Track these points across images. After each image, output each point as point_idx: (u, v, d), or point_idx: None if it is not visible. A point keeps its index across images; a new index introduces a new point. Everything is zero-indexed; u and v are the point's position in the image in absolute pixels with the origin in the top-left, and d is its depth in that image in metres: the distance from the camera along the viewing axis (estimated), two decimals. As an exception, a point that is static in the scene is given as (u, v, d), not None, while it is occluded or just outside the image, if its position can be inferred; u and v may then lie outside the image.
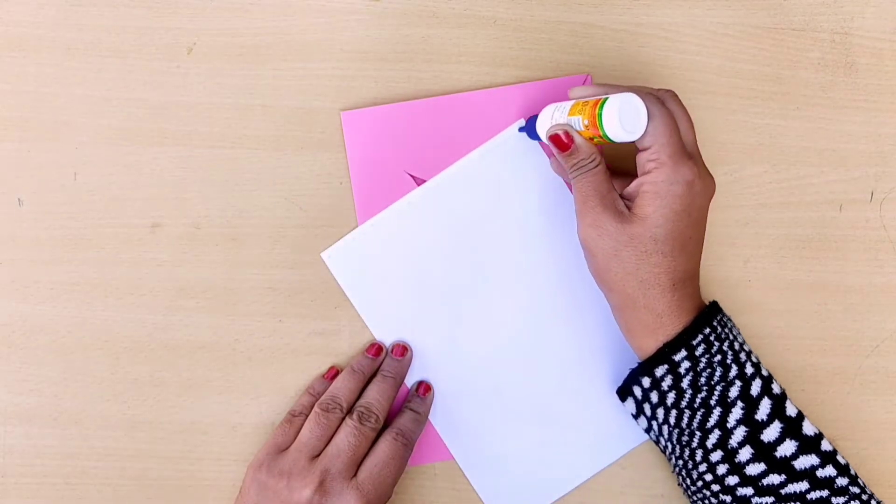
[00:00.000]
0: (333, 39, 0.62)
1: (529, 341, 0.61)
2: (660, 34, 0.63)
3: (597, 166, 0.54)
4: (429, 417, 0.61)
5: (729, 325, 0.56)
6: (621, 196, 0.55)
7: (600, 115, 0.52)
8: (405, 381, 0.61)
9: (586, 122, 0.53)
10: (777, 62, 0.63)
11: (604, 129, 0.52)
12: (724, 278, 0.62)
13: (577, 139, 0.54)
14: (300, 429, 0.58)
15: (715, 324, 0.55)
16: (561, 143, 0.55)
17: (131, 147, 0.62)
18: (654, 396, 0.56)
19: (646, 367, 0.55)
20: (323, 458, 0.56)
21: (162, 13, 0.62)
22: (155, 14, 0.62)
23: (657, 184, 0.53)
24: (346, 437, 0.57)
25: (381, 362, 0.61)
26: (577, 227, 0.55)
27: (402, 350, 0.61)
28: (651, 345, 0.55)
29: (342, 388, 0.59)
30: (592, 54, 0.62)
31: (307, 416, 0.59)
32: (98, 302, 0.62)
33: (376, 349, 0.61)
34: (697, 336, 0.54)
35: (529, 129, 0.59)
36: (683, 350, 0.54)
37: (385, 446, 0.57)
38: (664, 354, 0.54)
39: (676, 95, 0.56)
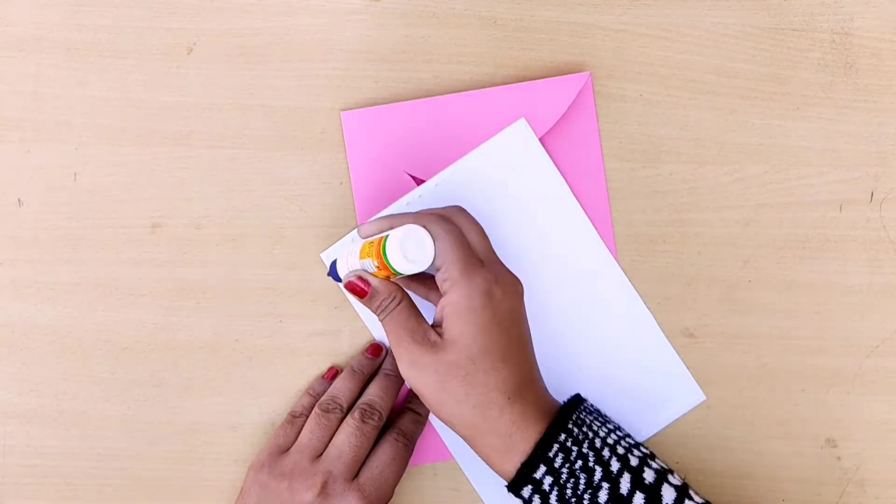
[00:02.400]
0: (333, 39, 0.62)
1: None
2: (660, 34, 0.63)
3: (399, 304, 0.53)
4: (429, 418, 0.61)
5: (588, 421, 0.54)
6: (434, 325, 0.53)
7: (384, 253, 0.51)
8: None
9: (376, 263, 0.52)
10: (777, 62, 0.63)
11: (392, 266, 0.51)
12: (724, 278, 0.62)
13: (374, 282, 0.53)
14: (301, 430, 0.58)
15: (570, 426, 0.53)
16: (358, 289, 0.54)
17: (131, 147, 0.62)
18: None
19: (512, 489, 0.53)
20: (325, 460, 0.56)
21: (162, 13, 0.62)
22: (155, 14, 0.62)
23: (455, 303, 0.52)
24: (348, 438, 0.56)
25: (381, 362, 0.61)
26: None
27: None
28: (509, 468, 0.52)
29: (342, 388, 0.59)
30: (592, 54, 0.62)
31: (308, 416, 0.59)
32: (98, 302, 0.62)
33: (376, 349, 0.61)
34: (553, 447, 0.52)
35: (332, 273, 0.58)
36: (542, 465, 0.51)
37: (387, 447, 0.57)
38: (524, 475, 0.52)
39: (463, 209, 0.56)
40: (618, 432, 0.54)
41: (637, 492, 0.51)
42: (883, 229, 0.63)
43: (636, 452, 0.53)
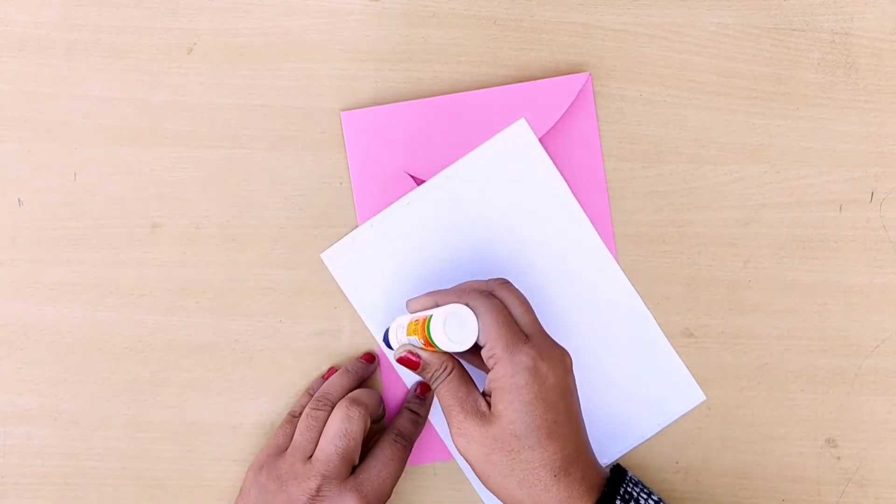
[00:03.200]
0: (333, 39, 0.62)
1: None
2: (660, 34, 0.63)
3: (449, 374, 0.53)
4: (428, 418, 0.61)
5: (635, 494, 0.53)
6: (484, 394, 0.54)
7: (429, 334, 0.52)
8: (406, 383, 0.61)
9: (422, 342, 0.53)
10: (777, 62, 0.63)
11: (437, 346, 0.52)
12: (724, 278, 0.62)
13: (424, 355, 0.54)
14: (292, 429, 0.58)
15: (617, 502, 0.52)
16: (411, 363, 0.54)
17: (131, 147, 0.62)
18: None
19: None
20: (316, 462, 0.56)
21: (162, 13, 0.62)
22: (155, 14, 0.62)
23: (500, 379, 0.52)
24: (333, 439, 0.56)
25: (374, 369, 0.62)
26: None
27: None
28: None
29: (335, 384, 0.59)
30: (592, 54, 0.63)
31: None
32: (98, 302, 0.62)
33: (370, 356, 0.61)
34: None
35: (385, 341, 0.59)
36: None
37: (385, 447, 0.57)
38: None
39: (507, 282, 0.55)
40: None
41: None
42: (883, 229, 0.63)
43: None
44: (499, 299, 0.54)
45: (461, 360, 0.55)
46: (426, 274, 0.61)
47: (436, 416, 0.61)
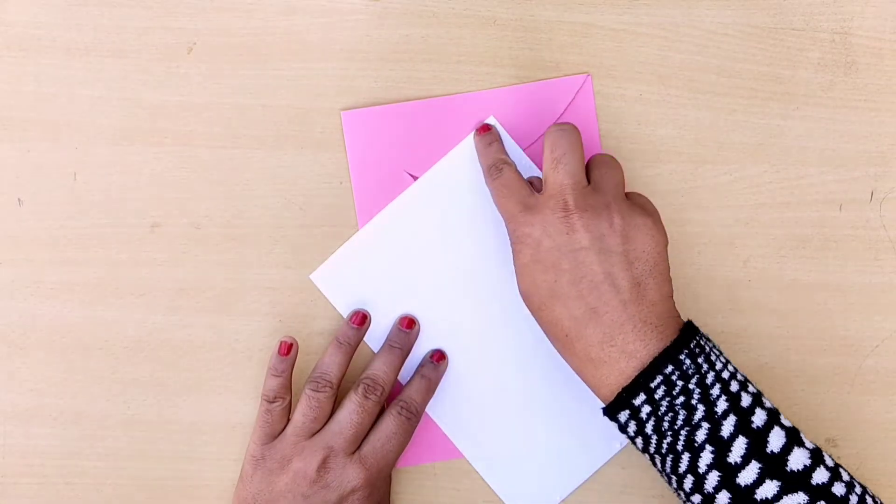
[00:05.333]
0: (333, 39, 0.62)
1: (531, 337, 0.61)
2: (660, 34, 0.63)
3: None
4: (434, 416, 0.61)
5: (707, 350, 0.52)
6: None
7: None
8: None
9: None
10: (777, 62, 0.63)
11: None
12: (724, 278, 0.62)
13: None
14: (283, 413, 0.58)
15: (683, 357, 0.51)
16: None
17: (131, 147, 0.62)
18: (625, 439, 0.55)
19: (608, 413, 0.53)
20: (324, 435, 0.56)
21: (162, 13, 0.62)
22: (155, 14, 0.62)
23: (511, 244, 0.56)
24: (350, 415, 0.56)
25: (365, 332, 0.60)
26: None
27: (410, 323, 0.60)
28: (610, 382, 0.52)
29: (330, 363, 0.58)
30: (592, 54, 0.63)
31: (284, 398, 0.58)
32: (98, 302, 0.62)
33: (360, 318, 0.60)
34: (656, 378, 0.51)
35: None
36: (642, 394, 0.51)
37: (390, 421, 0.57)
38: (623, 400, 0.51)
39: (566, 128, 0.56)
40: (731, 365, 0.53)
41: (740, 436, 0.50)
42: (883, 229, 0.63)
43: (750, 389, 0.52)
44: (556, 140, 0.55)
45: None
46: (420, 278, 0.61)
47: (442, 414, 0.61)
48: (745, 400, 0.51)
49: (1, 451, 0.61)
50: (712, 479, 0.50)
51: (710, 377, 0.51)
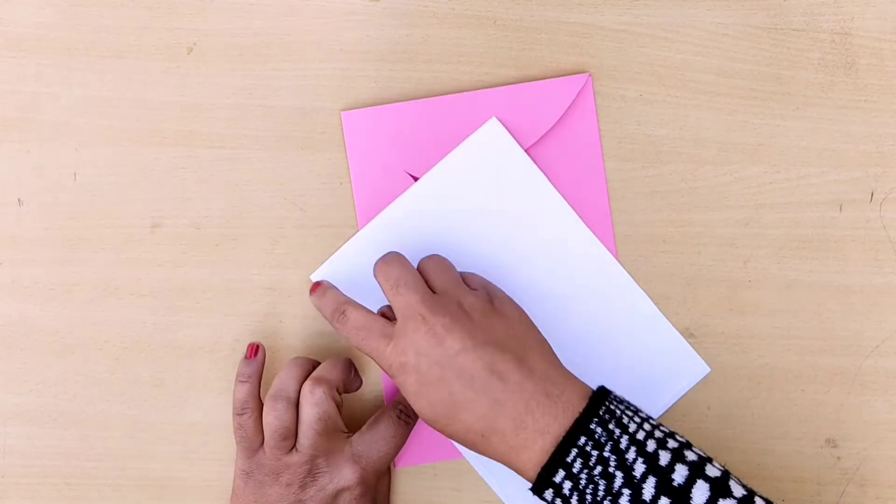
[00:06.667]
0: (333, 39, 0.62)
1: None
2: (660, 34, 0.63)
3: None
4: None
5: (618, 414, 0.51)
6: None
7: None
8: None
9: None
10: (777, 62, 0.63)
11: None
12: (724, 278, 0.62)
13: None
14: (256, 423, 0.57)
15: (593, 426, 0.50)
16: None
17: (131, 147, 0.62)
18: None
19: (536, 491, 0.51)
20: (301, 448, 0.56)
21: (162, 13, 0.62)
22: (155, 14, 0.62)
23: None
24: (308, 419, 0.56)
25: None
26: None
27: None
28: (529, 466, 0.51)
29: (286, 378, 0.57)
30: (592, 54, 0.63)
31: (253, 409, 0.57)
32: (98, 302, 0.62)
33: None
34: (570, 452, 0.50)
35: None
36: (560, 470, 0.50)
37: (388, 424, 0.57)
38: (544, 479, 0.50)
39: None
40: (648, 423, 0.51)
41: (662, 496, 0.48)
42: (883, 229, 0.63)
43: (670, 444, 0.50)
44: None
45: None
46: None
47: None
48: (664, 458, 0.49)
49: (1, 451, 0.61)
50: None
51: (623, 441, 0.50)
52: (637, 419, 0.51)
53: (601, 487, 0.49)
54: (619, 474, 0.49)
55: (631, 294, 0.62)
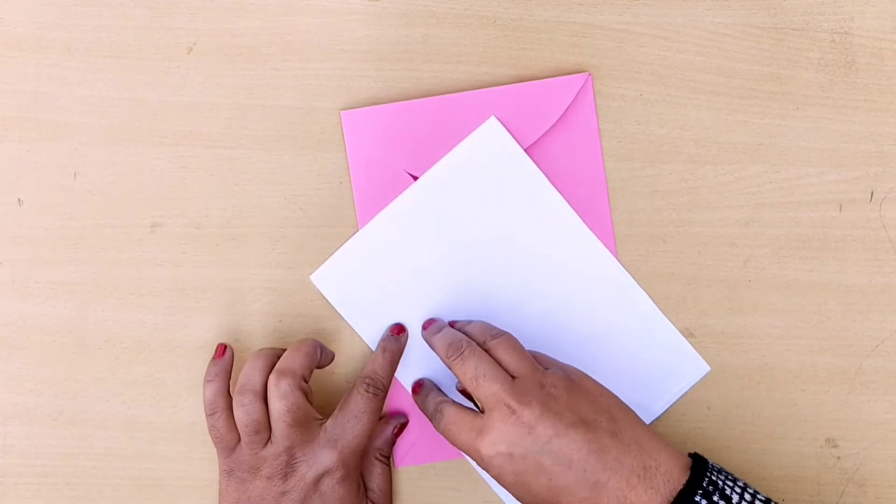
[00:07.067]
0: (333, 39, 0.62)
1: (530, 334, 0.61)
2: (660, 34, 0.63)
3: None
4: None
5: (720, 487, 0.51)
6: None
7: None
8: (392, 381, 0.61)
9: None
10: (777, 62, 0.63)
11: None
12: (724, 278, 0.62)
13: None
14: (228, 421, 0.57)
15: (698, 499, 0.50)
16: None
17: (131, 147, 0.62)
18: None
19: None
20: (275, 441, 0.55)
21: (162, 13, 0.62)
22: (155, 14, 0.62)
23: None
24: (277, 412, 0.56)
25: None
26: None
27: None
28: None
29: (251, 373, 0.57)
30: (592, 54, 0.63)
31: (223, 408, 0.57)
32: (98, 302, 0.62)
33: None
34: None
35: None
36: None
37: (356, 399, 0.57)
38: None
39: (498, 341, 0.56)
40: (748, 493, 0.52)
41: None
42: (883, 229, 0.63)
43: None
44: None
45: None
46: (418, 279, 0.61)
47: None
48: None
49: (1, 451, 0.61)
50: None
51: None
52: (738, 489, 0.52)
53: None
54: None
55: (631, 294, 0.62)
